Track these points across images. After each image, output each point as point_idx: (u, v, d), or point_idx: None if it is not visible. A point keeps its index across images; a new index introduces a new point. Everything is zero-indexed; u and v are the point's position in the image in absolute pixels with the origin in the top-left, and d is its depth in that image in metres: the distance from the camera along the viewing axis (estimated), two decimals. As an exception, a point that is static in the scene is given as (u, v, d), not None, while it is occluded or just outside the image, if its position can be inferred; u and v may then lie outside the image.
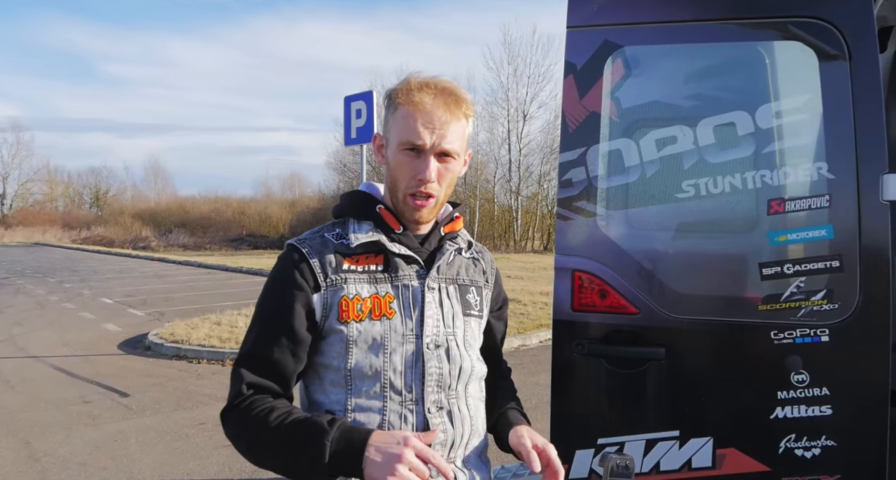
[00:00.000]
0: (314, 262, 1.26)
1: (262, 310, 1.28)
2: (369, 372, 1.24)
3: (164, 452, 4.68)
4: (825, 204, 1.84)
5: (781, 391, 1.86)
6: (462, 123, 1.29)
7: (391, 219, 1.32)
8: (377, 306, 1.26)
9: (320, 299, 1.26)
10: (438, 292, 1.33)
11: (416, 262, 1.31)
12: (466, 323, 1.36)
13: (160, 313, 11.31)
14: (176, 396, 6.17)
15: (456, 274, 1.38)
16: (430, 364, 1.28)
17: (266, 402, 1.22)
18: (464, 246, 1.42)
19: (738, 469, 1.91)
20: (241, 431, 1.23)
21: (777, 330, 1.86)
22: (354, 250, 1.29)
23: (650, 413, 2.00)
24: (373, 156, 14.00)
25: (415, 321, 1.28)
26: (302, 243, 1.30)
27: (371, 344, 1.25)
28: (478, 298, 1.41)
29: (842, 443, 1.82)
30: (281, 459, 1.17)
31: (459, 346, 1.33)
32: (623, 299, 2.01)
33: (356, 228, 1.32)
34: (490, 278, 1.47)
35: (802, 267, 1.86)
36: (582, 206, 2.08)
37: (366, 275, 1.28)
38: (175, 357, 7.91)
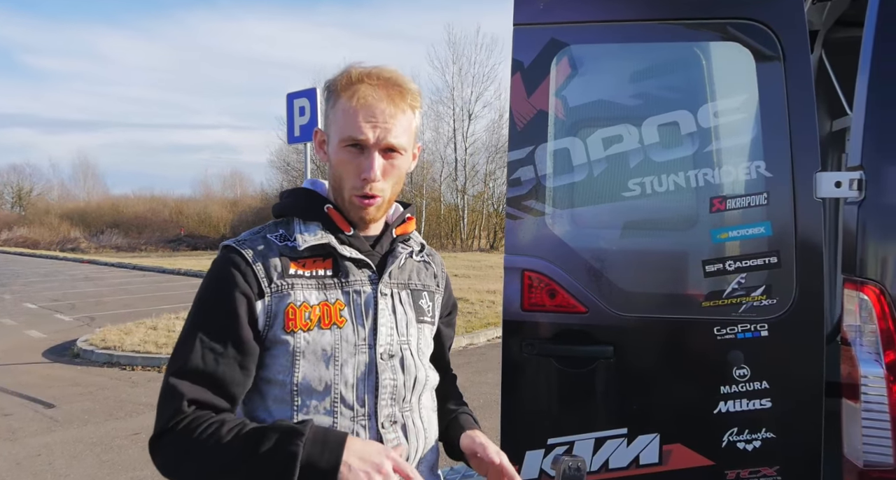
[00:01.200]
0: (257, 266, 1.14)
1: (200, 318, 1.15)
2: (319, 386, 1.15)
3: (94, 465, 4.44)
4: (763, 201, 1.88)
5: (724, 386, 1.89)
6: (408, 116, 1.20)
7: (340, 220, 1.21)
8: (327, 314, 1.16)
9: (264, 307, 1.14)
10: (391, 298, 1.24)
11: (368, 266, 1.22)
12: (420, 331, 1.28)
13: (90, 318, 10.80)
14: (107, 406, 5.88)
15: (408, 278, 1.29)
16: (384, 375, 1.19)
17: (213, 417, 1.08)
18: (416, 248, 1.33)
19: (683, 464, 1.93)
20: (184, 453, 1.07)
21: (720, 326, 1.90)
22: (301, 253, 1.18)
23: (599, 412, 2.01)
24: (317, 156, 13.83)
25: (367, 329, 1.19)
26: (241, 244, 1.17)
27: (320, 355, 1.15)
28: (430, 303, 1.33)
29: (781, 435, 1.87)
30: (243, 473, 1.04)
31: (414, 355, 1.24)
32: (572, 298, 2.01)
33: (303, 229, 1.21)
34: (441, 282, 1.39)
35: (743, 263, 1.90)
36: (531, 205, 2.07)
37: (314, 281, 1.18)
38: (107, 364, 7.55)
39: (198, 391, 1.09)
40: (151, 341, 8.12)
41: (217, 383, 1.10)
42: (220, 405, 1.11)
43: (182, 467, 1.09)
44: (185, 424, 1.07)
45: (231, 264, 1.15)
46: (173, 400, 1.08)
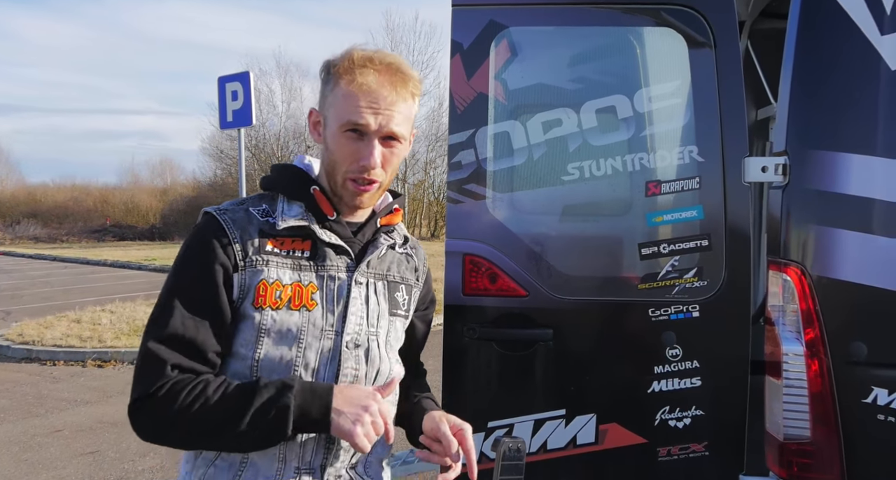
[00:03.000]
0: (235, 238, 1.14)
1: (180, 284, 1.14)
2: (279, 365, 1.14)
3: (10, 464, 4.20)
4: (696, 186, 1.94)
5: (658, 365, 1.95)
6: (409, 104, 1.19)
7: (325, 204, 1.20)
8: (298, 295, 1.15)
9: (238, 279, 1.13)
10: (366, 287, 1.22)
11: (346, 253, 1.21)
12: (391, 324, 1.27)
13: (5, 312, 10.18)
14: (26, 403, 5.56)
15: (387, 269, 1.28)
16: (347, 364, 1.18)
17: (196, 379, 1.08)
18: (399, 240, 1.32)
19: (618, 442, 1.98)
20: (170, 417, 1.06)
21: (654, 308, 1.95)
22: (280, 232, 1.17)
23: (538, 394, 2.03)
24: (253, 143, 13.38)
25: (336, 316, 1.18)
26: (223, 214, 1.16)
27: (285, 335, 1.14)
28: (406, 297, 1.31)
29: (709, 412, 1.94)
30: (233, 430, 1.06)
31: (381, 347, 1.23)
32: (513, 282, 2.02)
33: (286, 209, 1.20)
34: (421, 276, 1.37)
35: (676, 246, 1.95)
36: (471, 189, 2.06)
37: (289, 260, 1.17)
38: (25, 360, 7.15)
39: (179, 356, 1.09)
40: (75, 335, 7.74)
41: (197, 349, 1.11)
42: (201, 370, 1.11)
43: (168, 431, 1.09)
44: (168, 388, 1.07)
45: (211, 233, 1.14)
46: (155, 365, 1.08)
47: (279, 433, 1.06)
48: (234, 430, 1.06)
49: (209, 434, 1.08)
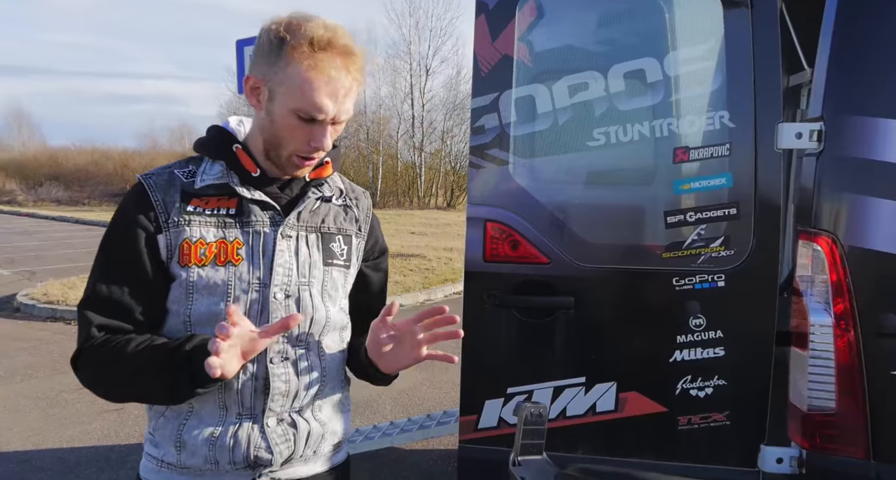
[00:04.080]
0: (156, 202, 1.18)
1: (106, 249, 1.20)
2: (211, 319, 1.17)
3: (39, 419, 4.32)
4: (726, 152, 1.89)
5: (680, 335, 1.93)
6: (360, 83, 1.19)
7: (247, 161, 1.22)
8: (223, 251, 1.19)
9: (164, 240, 1.17)
10: (295, 240, 1.24)
11: (272, 208, 1.23)
12: (327, 273, 1.28)
13: (30, 272, 10.39)
14: (52, 360, 5.70)
15: (320, 222, 1.29)
16: (277, 314, 1.20)
17: (120, 338, 1.16)
18: (332, 193, 1.32)
19: (638, 411, 1.98)
20: (97, 369, 1.17)
21: (678, 277, 1.92)
22: (205, 191, 1.20)
23: (558, 361, 2.03)
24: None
25: (263, 269, 1.20)
26: (147, 178, 1.21)
27: (213, 290, 1.18)
28: (345, 247, 1.32)
29: (732, 382, 1.92)
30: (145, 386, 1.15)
31: (314, 296, 1.25)
32: (534, 249, 2.00)
33: (207, 168, 1.23)
34: (364, 226, 1.37)
35: (703, 215, 1.91)
36: (494, 154, 2.03)
37: (214, 218, 1.20)
38: (50, 319, 7.30)
39: (104, 318, 1.16)
40: (97, 296, 7.87)
41: (123, 309, 1.17)
42: (127, 329, 1.18)
43: (94, 386, 1.19)
44: (97, 345, 1.15)
45: (134, 198, 1.19)
46: (84, 326, 1.17)
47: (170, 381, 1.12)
48: (138, 381, 1.14)
49: (123, 390, 1.19)
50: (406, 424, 3.45)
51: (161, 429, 1.22)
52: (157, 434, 1.23)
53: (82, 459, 3.70)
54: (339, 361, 1.33)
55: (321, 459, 1.31)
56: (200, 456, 1.19)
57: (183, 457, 1.19)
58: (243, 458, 1.20)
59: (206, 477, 1.21)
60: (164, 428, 1.21)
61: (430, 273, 9.82)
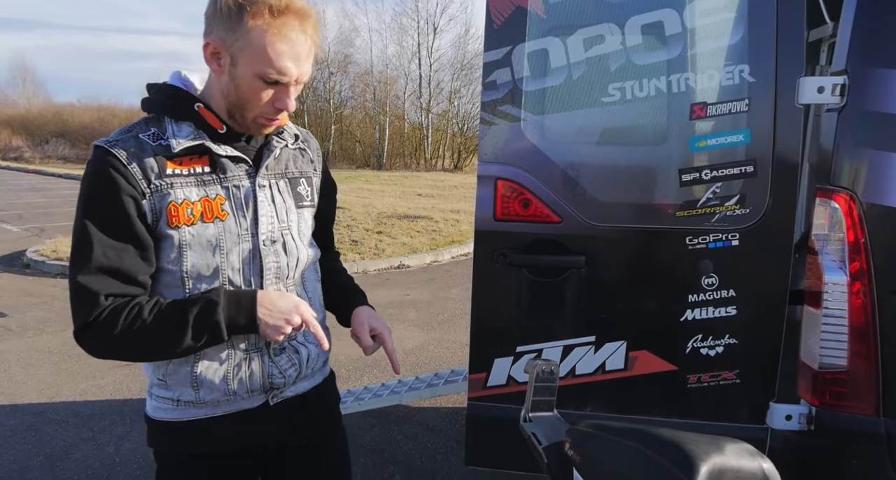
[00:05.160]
0: (133, 168, 1.18)
1: (92, 220, 1.17)
2: (207, 272, 1.24)
3: (52, 373, 4.40)
4: (744, 108, 1.84)
5: (692, 294, 1.92)
6: (316, 47, 1.23)
7: (213, 119, 1.25)
8: (208, 209, 1.23)
9: (148, 205, 1.19)
10: (270, 189, 1.31)
11: (244, 161, 1.28)
12: (300, 215, 1.38)
13: (39, 229, 10.45)
14: (63, 315, 5.77)
15: (285, 168, 1.36)
16: (268, 259, 1.30)
17: (132, 304, 1.18)
18: (289, 140, 1.39)
19: (647, 369, 1.98)
20: (115, 338, 1.17)
21: (692, 236, 1.90)
22: (177, 153, 1.22)
23: (568, 321, 2.03)
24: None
25: (249, 220, 1.27)
26: (114, 146, 1.18)
27: (206, 246, 1.23)
28: (308, 189, 1.42)
29: (743, 341, 1.92)
30: (173, 345, 1.19)
31: (295, 239, 1.35)
32: (546, 208, 1.97)
33: (176, 131, 1.23)
34: (318, 166, 1.47)
35: (719, 172, 1.87)
36: (506, 110, 1.98)
37: (192, 178, 1.23)
38: (60, 275, 7.37)
39: (110, 285, 1.17)
40: (106, 253, 7.92)
41: (124, 275, 1.18)
42: (134, 293, 1.20)
43: (114, 352, 1.21)
44: (106, 315, 1.16)
45: (108, 166, 1.17)
46: (89, 296, 1.16)
47: (215, 342, 1.21)
48: (173, 347, 1.19)
49: (151, 351, 1.22)
50: (414, 382, 3.49)
51: (172, 374, 1.28)
52: (168, 379, 1.28)
53: (96, 412, 3.78)
54: (319, 290, 1.47)
55: (317, 374, 1.47)
56: (219, 391, 1.28)
57: (201, 394, 1.28)
58: (260, 385, 1.32)
59: (223, 407, 1.31)
60: (176, 373, 1.27)
61: (437, 234, 9.82)
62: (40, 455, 3.23)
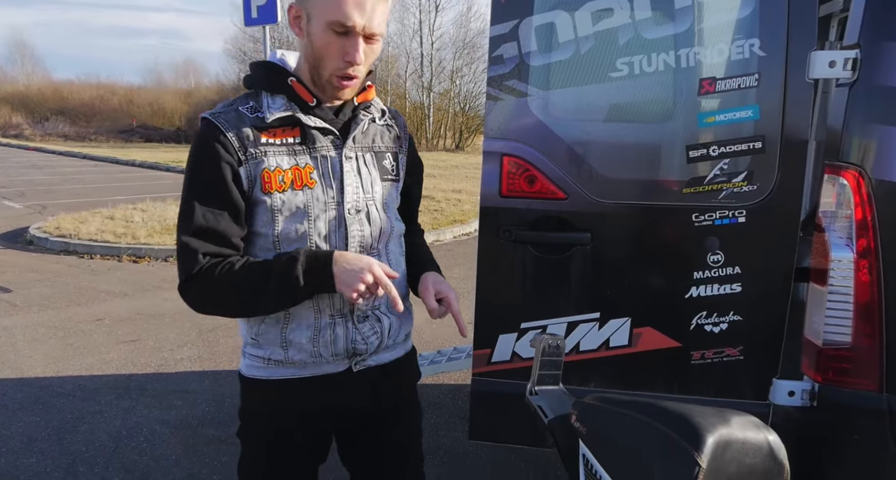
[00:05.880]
0: (231, 137, 1.28)
1: (194, 185, 1.30)
2: (296, 237, 1.33)
3: (58, 348, 4.43)
4: (754, 83, 1.82)
5: (697, 271, 1.91)
6: (387, 3, 1.29)
7: (304, 92, 1.34)
8: (298, 177, 1.32)
9: (244, 172, 1.29)
10: (356, 160, 1.39)
11: (332, 133, 1.36)
12: (384, 188, 1.44)
13: (41, 206, 10.45)
14: (67, 292, 5.80)
15: (371, 142, 1.44)
16: (353, 228, 1.37)
17: (225, 262, 1.30)
18: (377, 114, 1.46)
19: (651, 346, 1.99)
20: (210, 292, 1.31)
21: (698, 213, 1.89)
22: (270, 124, 1.32)
23: (573, 297, 2.03)
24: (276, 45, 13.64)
25: (335, 189, 1.35)
26: (217, 117, 1.30)
27: (295, 212, 1.32)
28: (394, 163, 1.48)
29: (747, 318, 1.92)
30: (258, 298, 1.29)
31: (378, 210, 1.42)
32: (552, 184, 1.96)
33: (270, 103, 1.33)
34: (404, 143, 1.53)
35: (727, 149, 1.86)
36: (512, 86, 1.96)
37: (284, 148, 1.32)
38: (63, 252, 7.39)
39: (207, 245, 1.29)
40: (109, 230, 7.94)
41: (220, 236, 1.30)
42: (227, 253, 1.31)
43: (209, 306, 1.35)
44: (204, 271, 1.29)
45: (211, 136, 1.28)
46: (189, 254, 1.29)
47: (295, 298, 1.30)
48: (258, 301, 1.30)
49: (240, 305, 1.32)
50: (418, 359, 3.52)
51: (264, 334, 1.38)
52: (260, 339, 1.39)
53: (101, 386, 3.82)
54: (403, 264, 1.53)
55: (398, 346, 1.53)
56: (306, 352, 1.38)
57: (290, 354, 1.38)
58: (343, 350, 1.40)
59: (309, 369, 1.40)
60: (268, 333, 1.38)
61: (439, 214, 9.82)
62: (48, 428, 3.27)
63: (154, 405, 3.56)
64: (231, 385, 3.75)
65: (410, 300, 1.59)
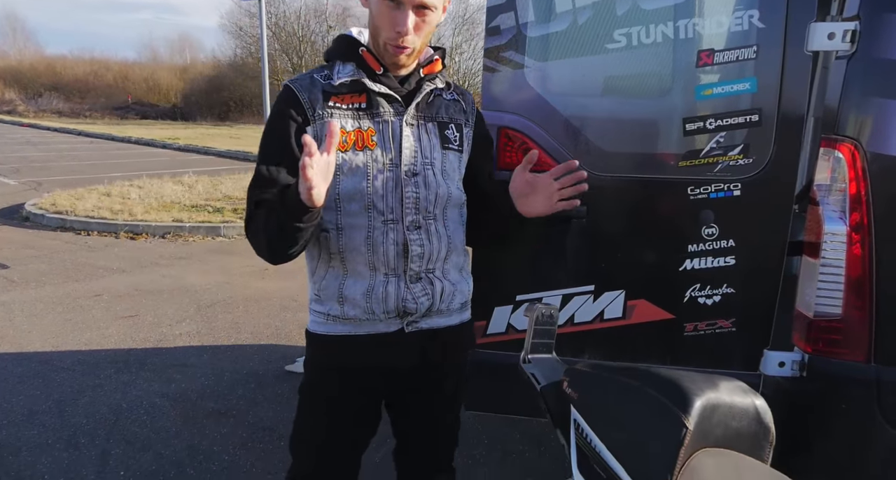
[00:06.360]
0: (303, 99, 1.41)
1: (265, 141, 1.45)
2: (355, 195, 1.42)
3: (56, 323, 4.46)
4: (752, 55, 1.81)
5: (692, 244, 1.93)
6: None
7: (372, 61, 1.44)
8: (360, 139, 1.42)
9: (312, 131, 1.40)
10: (417, 128, 1.48)
11: (396, 101, 1.45)
12: (444, 156, 1.51)
13: (37, 183, 10.42)
14: (64, 268, 5.81)
15: (435, 113, 1.52)
16: (408, 189, 1.45)
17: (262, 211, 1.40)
18: (442, 86, 1.54)
19: (645, 317, 2.01)
20: (253, 236, 1.45)
21: (694, 186, 1.90)
22: (339, 89, 1.43)
23: (568, 270, 2.04)
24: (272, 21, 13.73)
25: (394, 152, 1.44)
26: (293, 82, 1.45)
27: (356, 171, 1.42)
28: (457, 134, 1.55)
29: (740, 290, 1.94)
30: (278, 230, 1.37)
31: (437, 175, 1.49)
32: (549, 157, 1.96)
33: (340, 69, 1.45)
34: (471, 118, 1.60)
35: (724, 122, 1.86)
36: (509, 57, 1.95)
37: (350, 112, 1.43)
38: (60, 228, 7.39)
39: (263, 192, 1.41)
40: (106, 207, 7.93)
41: (278, 184, 1.41)
42: None
43: (257, 246, 1.46)
44: (253, 217, 1.44)
45: (285, 99, 1.43)
46: (248, 202, 1.45)
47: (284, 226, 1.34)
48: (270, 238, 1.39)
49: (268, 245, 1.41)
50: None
51: (325, 290, 1.49)
52: (322, 294, 1.50)
53: (101, 360, 3.84)
54: (461, 233, 1.59)
55: (453, 313, 1.59)
56: (360, 308, 1.47)
57: (345, 309, 1.48)
58: (394, 308, 1.48)
59: (364, 326, 1.49)
60: (327, 289, 1.49)
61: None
62: (49, 401, 3.30)
63: (153, 379, 3.59)
64: (230, 359, 3.79)
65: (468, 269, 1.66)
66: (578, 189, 1.51)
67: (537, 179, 1.49)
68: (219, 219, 7.69)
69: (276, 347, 4.07)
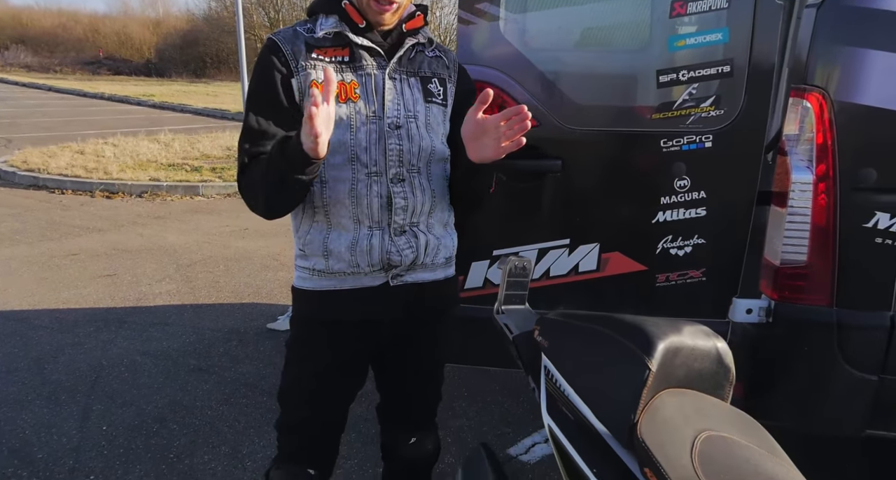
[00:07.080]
0: (286, 50, 1.41)
1: (252, 93, 1.45)
2: (339, 147, 1.42)
3: (32, 282, 4.42)
4: (724, 4, 1.81)
5: (665, 196, 1.95)
6: None
7: (355, 14, 1.44)
8: (343, 91, 1.42)
9: (296, 83, 1.41)
10: (400, 82, 1.48)
11: (379, 54, 1.46)
12: (428, 109, 1.51)
13: (7, 139, 10.15)
14: (39, 227, 5.73)
15: (418, 67, 1.52)
16: (391, 141, 1.45)
17: (261, 159, 1.41)
18: (424, 41, 1.54)
19: (619, 270, 2.05)
20: (247, 188, 1.45)
21: (667, 139, 1.91)
22: (322, 42, 1.44)
23: (544, 224, 2.07)
24: None
25: (377, 105, 1.45)
26: (276, 35, 1.46)
27: (339, 123, 1.40)
28: (440, 89, 1.55)
29: (710, 241, 1.98)
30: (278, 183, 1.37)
31: (420, 127, 1.49)
32: (524, 111, 1.96)
33: (323, 22, 1.46)
34: (453, 74, 1.59)
35: (696, 73, 1.86)
36: (484, 9, 1.93)
37: (333, 64, 1.43)
38: (32, 186, 7.25)
39: (253, 146, 1.43)
40: (80, 165, 7.78)
41: (267, 139, 1.43)
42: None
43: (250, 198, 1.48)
44: (246, 169, 1.45)
45: (269, 51, 1.43)
46: (240, 153, 1.45)
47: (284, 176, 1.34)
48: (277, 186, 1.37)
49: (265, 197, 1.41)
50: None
51: (310, 244, 1.49)
52: (306, 249, 1.50)
53: (80, 319, 3.84)
54: (445, 187, 1.58)
55: (438, 268, 1.59)
56: (344, 261, 1.47)
57: (330, 263, 1.48)
58: (379, 260, 1.48)
59: (349, 280, 1.50)
60: (312, 243, 1.49)
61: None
62: (28, 358, 3.31)
63: (134, 337, 3.60)
64: (211, 318, 3.81)
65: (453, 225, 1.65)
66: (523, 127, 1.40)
67: (487, 120, 1.43)
68: (197, 178, 7.59)
69: (257, 306, 4.08)
